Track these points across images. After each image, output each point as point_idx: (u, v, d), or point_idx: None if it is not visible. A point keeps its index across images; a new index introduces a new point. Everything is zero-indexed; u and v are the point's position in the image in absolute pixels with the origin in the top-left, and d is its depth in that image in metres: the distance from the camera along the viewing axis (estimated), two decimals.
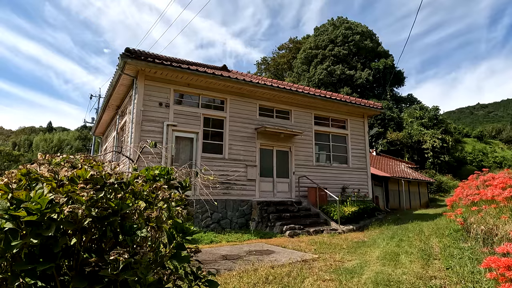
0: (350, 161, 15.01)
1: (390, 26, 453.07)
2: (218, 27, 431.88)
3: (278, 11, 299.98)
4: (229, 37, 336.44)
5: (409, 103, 50.37)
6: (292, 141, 13.54)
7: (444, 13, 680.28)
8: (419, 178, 23.95)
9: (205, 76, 11.27)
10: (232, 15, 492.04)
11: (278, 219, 10.83)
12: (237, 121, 12.41)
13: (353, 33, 48.58)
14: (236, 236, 10.00)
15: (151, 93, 10.92)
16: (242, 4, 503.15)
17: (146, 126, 10.64)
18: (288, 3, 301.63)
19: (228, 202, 11.61)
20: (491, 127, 73.18)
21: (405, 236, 9.62)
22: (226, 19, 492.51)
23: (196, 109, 11.70)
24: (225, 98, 12.33)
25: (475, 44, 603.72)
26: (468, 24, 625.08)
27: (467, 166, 44.28)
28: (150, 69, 10.65)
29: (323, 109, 14.64)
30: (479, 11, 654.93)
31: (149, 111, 10.78)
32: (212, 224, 11.09)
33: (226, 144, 12.01)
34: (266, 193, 12.65)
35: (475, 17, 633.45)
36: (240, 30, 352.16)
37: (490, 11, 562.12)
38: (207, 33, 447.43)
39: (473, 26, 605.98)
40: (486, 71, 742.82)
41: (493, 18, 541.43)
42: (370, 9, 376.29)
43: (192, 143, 11.50)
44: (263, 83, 12.42)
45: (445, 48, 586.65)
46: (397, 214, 17.47)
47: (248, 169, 12.22)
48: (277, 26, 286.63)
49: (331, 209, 11.70)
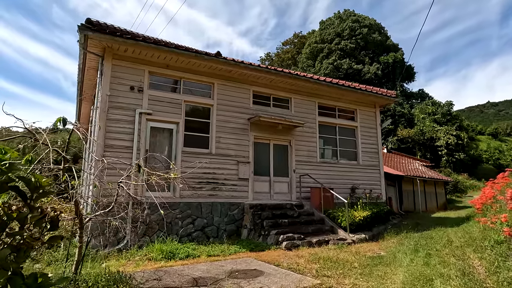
0: (360, 158, 13.03)
1: (398, 24, 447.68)
2: (224, 26, 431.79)
3: (285, 10, 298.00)
4: (235, 36, 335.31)
5: (420, 99, 47.93)
6: (292, 134, 11.62)
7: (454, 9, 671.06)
8: (435, 177, 21.78)
9: (186, 56, 9.42)
10: (238, 14, 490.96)
11: (273, 227, 8.92)
12: (227, 110, 10.53)
13: (360, 26, 46.38)
14: (221, 248, 8.12)
15: (121, 75, 9.10)
16: (249, 3, 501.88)
17: (114, 114, 8.82)
18: (295, 2, 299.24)
19: (215, 205, 9.73)
20: (506, 124, 70.07)
21: (432, 249, 7.64)
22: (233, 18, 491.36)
23: (177, 95, 9.85)
24: (212, 82, 10.45)
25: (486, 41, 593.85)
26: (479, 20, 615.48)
27: (483, 165, 41.76)
28: (119, 46, 8.83)
29: (328, 98, 12.69)
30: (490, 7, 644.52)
31: (118, 97, 8.96)
32: (194, 232, 9.23)
33: (213, 136, 10.14)
34: (261, 195, 10.74)
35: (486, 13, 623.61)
36: (247, 30, 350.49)
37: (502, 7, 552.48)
38: (213, 33, 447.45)
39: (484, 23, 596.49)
40: (497, 68, 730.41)
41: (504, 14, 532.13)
42: (378, 7, 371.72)
43: (171, 136, 9.65)
44: (257, 65, 10.52)
45: (455, 45, 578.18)
46: (414, 218, 15.41)
47: (239, 166, 10.33)
48: (284, 25, 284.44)
49: (339, 213, 9.75)
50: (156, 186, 9.28)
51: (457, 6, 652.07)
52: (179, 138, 9.61)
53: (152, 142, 9.37)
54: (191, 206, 9.37)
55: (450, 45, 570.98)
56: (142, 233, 8.59)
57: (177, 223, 9.06)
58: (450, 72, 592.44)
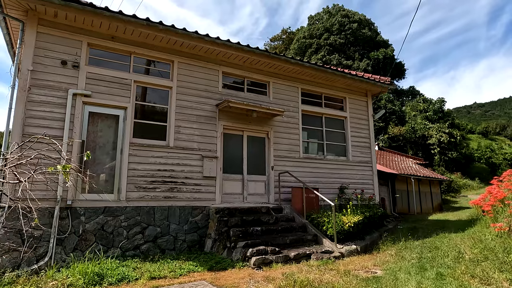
0: (350, 153, 11.32)
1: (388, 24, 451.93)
2: (216, 26, 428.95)
3: (276, 10, 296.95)
4: (227, 36, 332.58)
5: (411, 96, 46.75)
6: (270, 124, 9.84)
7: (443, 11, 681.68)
8: (431, 176, 20.27)
9: (135, 24, 7.55)
10: (229, 14, 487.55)
11: (242, 237, 7.10)
12: (190, 93, 8.68)
13: (350, 21, 44.97)
14: (172, 265, 6.27)
15: (49, 46, 7.17)
16: (240, 3, 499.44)
17: (37, 95, 6.89)
18: (286, 1, 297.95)
19: (173, 210, 7.88)
20: (495, 123, 69.73)
21: (443, 266, 5.93)
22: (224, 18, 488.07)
23: (125, 74, 7.96)
24: (172, 60, 8.60)
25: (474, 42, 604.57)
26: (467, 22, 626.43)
27: (475, 164, 40.71)
28: (45, 8, 6.91)
29: (313, 83, 10.95)
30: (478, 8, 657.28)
31: (44, 73, 7.03)
32: (144, 244, 7.35)
33: (171, 126, 8.29)
34: (232, 197, 8.93)
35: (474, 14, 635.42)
36: (238, 29, 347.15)
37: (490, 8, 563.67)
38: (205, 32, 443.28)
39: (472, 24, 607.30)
40: (484, 70, 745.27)
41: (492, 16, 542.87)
42: (368, 8, 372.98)
43: (117, 124, 7.75)
44: (226, 39, 8.70)
45: (444, 46, 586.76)
46: (410, 221, 13.79)
47: (205, 162, 8.50)
48: (275, 25, 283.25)
49: (324, 219, 7.99)
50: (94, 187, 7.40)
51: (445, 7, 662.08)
52: (127, 127, 7.72)
53: (91, 131, 7.45)
54: (141, 211, 7.50)
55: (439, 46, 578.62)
56: (73, 247, 6.68)
57: (121, 233, 7.17)
58: (438, 73, 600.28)
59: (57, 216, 6.57)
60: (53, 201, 6.61)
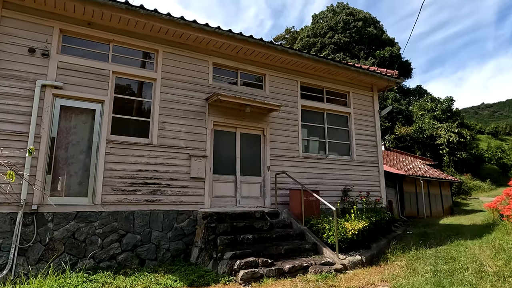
0: (354, 152, 10.42)
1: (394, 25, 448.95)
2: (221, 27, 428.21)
3: (280, 11, 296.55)
4: None
5: (418, 96, 45.55)
6: (266, 121, 8.99)
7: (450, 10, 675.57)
8: (441, 177, 19.21)
9: (113, 8, 6.77)
10: (234, 16, 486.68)
11: (230, 246, 6.25)
12: (176, 86, 7.88)
13: (354, 19, 44.02)
14: (146, 280, 5.44)
15: (15, 32, 6.42)
16: (245, 4, 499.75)
17: (1, 86, 6.14)
18: (291, 3, 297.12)
19: (156, 215, 7.06)
20: (505, 123, 68.00)
21: (464, 282, 5.01)
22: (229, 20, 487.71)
23: (103, 64, 7.17)
24: (156, 49, 7.80)
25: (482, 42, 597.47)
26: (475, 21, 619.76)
27: (485, 165, 39.36)
28: None
29: (314, 76, 10.09)
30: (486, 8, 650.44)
31: (9, 61, 6.28)
32: (121, 253, 6.53)
33: (155, 121, 7.48)
34: (223, 200, 8.09)
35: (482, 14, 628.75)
36: (243, 31, 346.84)
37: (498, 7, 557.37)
38: None
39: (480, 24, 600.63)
40: (492, 70, 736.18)
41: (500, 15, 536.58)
42: (374, 8, 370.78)
43: (93, 119, 6.96)
44: (217, 26, 7.88)
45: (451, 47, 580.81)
46: (420, 226, 12.84)
47: (192, 162, 7.67)
48: (280, 26, 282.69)
49: (325, 225, 7.10)
50: (65, 189, 6.62)
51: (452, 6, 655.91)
52: (104, 123, 6.93)
53: (63, 127, 6.68)
54: (119, 216, 6.69)
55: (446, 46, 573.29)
56: (37, 257, 5.89)
57: (94, 241, 6.36)
58: (446, 74, 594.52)
59: (20, 223, 5.79)
60: (15, 205, 5.84)
